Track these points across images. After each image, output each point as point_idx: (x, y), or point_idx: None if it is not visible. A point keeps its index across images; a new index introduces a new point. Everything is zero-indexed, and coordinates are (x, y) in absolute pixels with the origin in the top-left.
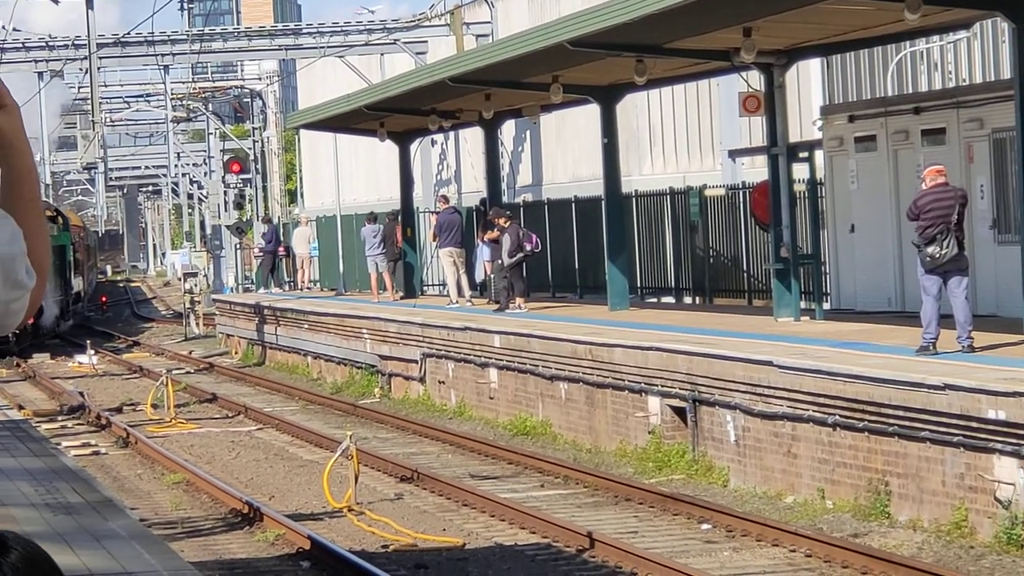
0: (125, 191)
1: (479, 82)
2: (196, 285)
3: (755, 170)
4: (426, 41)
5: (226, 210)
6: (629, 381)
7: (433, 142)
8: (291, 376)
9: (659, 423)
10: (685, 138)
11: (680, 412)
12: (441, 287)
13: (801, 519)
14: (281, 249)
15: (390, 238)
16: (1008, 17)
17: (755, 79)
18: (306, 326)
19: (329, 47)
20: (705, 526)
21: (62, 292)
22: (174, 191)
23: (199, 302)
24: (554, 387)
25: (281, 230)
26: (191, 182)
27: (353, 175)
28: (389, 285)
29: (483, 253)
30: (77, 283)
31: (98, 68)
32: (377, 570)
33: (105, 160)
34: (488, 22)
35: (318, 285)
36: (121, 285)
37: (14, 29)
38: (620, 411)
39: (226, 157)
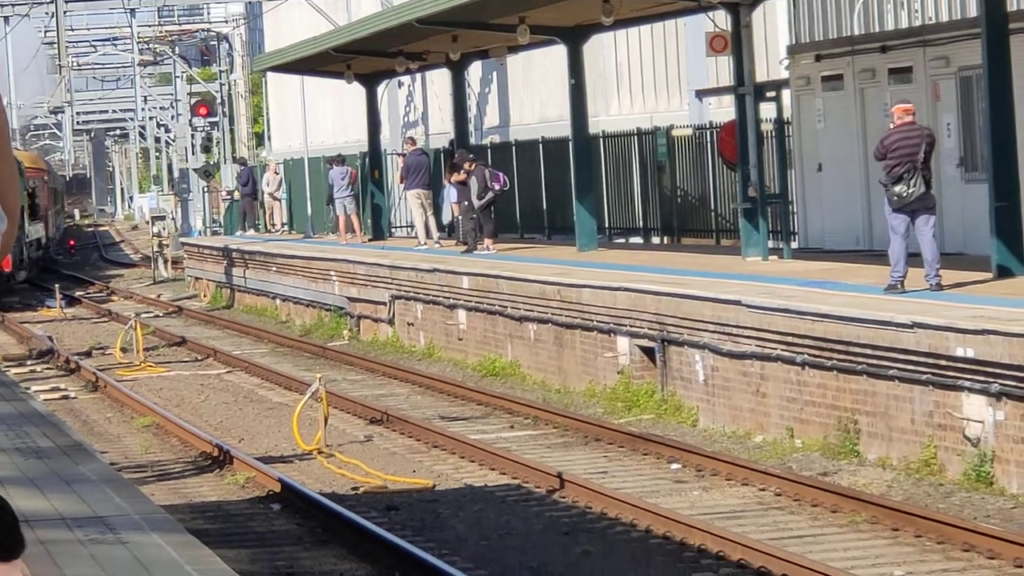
0: (92, 135)
1: (446, 23)
2: (164, 228)
3: (722, 110)
4: None
5: (193, 153)
6: (598, 322)
7: (400, 84)
8: (260, 319)
9: (628, 363)
10: (652, 78)
11: (649, 352)
12: (409, 229)
13: (770, 458)
14: None
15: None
16: None
17: (722, 19)
18: (274, 269)
19: None
20: (674, 466)
21: (16, 240)
22: (141, 135)
23: (167, 245)
24: (523, 328)
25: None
26: (158, 126)
27: (320, 118)
28: (357, 227)
29: (450, 194)
30: (36, 230)
31: (64, 12)
32: (348, 512)
33: (72, 104)
34: None
35: (286, 228)
36: (89, 229)
37: None
38: (589, 351)
39: (193, 100)
